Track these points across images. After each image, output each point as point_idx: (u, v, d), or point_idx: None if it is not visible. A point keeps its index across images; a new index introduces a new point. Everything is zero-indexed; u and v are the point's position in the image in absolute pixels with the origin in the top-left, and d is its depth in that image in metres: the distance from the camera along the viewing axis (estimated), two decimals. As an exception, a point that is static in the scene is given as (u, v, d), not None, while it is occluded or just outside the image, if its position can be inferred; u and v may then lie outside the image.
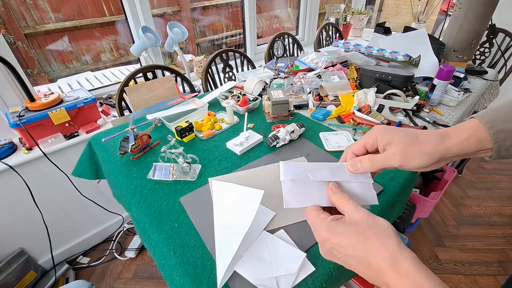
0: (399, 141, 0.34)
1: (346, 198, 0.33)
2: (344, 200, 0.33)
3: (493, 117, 0.33)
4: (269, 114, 1.07)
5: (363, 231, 0.29)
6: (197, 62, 1.84)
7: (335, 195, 0.34)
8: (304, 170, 0.36)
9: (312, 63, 1.41)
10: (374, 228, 0.29)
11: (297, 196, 0.35)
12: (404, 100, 1.13)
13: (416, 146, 0.34)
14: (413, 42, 1.38)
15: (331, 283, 0.56)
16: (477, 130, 0.33)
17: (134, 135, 0.86)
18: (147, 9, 1.54)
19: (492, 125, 0.32)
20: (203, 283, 0.54)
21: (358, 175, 0.37)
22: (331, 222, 0.32)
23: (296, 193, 0.35)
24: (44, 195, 1.28)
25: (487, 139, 0.33)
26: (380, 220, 0.30)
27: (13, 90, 1.21)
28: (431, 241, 1.58)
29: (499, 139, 0.32)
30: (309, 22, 2.58)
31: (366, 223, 0.30)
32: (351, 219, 0.31)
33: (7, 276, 1.23)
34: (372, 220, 0.30)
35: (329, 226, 0.32)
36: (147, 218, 0.69)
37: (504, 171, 2.09)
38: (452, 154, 0.34)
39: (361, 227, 0.30)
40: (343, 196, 0.34)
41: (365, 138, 0.37)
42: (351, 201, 0.33)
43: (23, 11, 1.42)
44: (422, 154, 0.34)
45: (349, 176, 0.37)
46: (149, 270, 1.49)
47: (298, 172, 0.35)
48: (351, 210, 0.32)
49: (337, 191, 0.34)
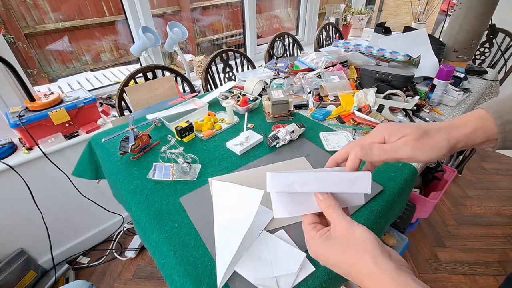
0: (411, 133, 0.34)
1: (331, 206, 0.33)
2: (330, 209, 0.33)
3: (500, 107, 0.33)
4: (269, 114, 1.07)
5: (343, 249, 0.30)
6: (197, 62, 1.84)
7: (322, 203, 0.34)
8: (292, 182, 0.34)
9: (312, 63, 1.41)
10: (352, 244, 0.30)
11: (286, 206, 0.35)
12: (404, 100, 1.13)
13: (426, 139, 0.34)
14: (413, 42, 1.38)
15: (331, 283, 0.56)
16: (484, 121, 0.33)
17: (134, 135, 0.86)
18: (147, 9, 1.54)
19: (499, 116, 0.33)
20: (203, 283, 0.54)
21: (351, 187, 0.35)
22: (318, 240, 0.32)
23: (285, 203, 0.35)
24: (44, 195, 1.28)
25: (494, 130, 0.33)
26: (358, 232, 0.30)
27: (13, 90, 1.21)
28: (431, 241, 1.58)
29: (505, 130, 0.32)
30: (309, 22, 2.58)
31: (345, 239, 0.30)
32: (335, 232, 0.32)
33: (7, 276, 1.23)
34: (351, 233, 0.30)
35: (316, 244, 0.32)
36: (147, 218, 0.69)
37: (504, 171, 2.09)
38: (460, 146, 0.34)
39: (341, 243, 0.30)
40: (329, 203, 0.34)
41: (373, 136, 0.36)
42: (335, 209, 0.33)
43: (23, 11, 1.42)
44: (432, 148, 0.34)
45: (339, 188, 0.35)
46: (149, 270, 1.49)
47: (285, 184, 0.34)
48: (335, 220, 0.32)
49: (324, 198, 0.34)
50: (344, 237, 0.30)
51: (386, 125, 0.37)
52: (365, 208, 0.69)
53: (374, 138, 0.36)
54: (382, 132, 0.36)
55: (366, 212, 0.68)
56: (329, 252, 0.31)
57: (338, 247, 0.31)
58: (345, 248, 0.30)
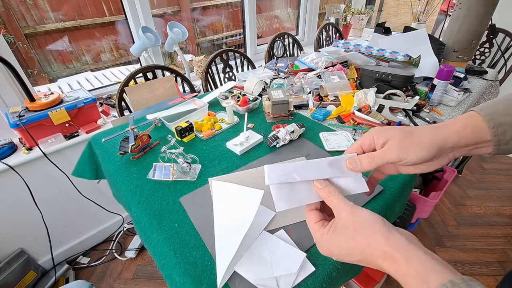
0: (395, 136, 0.34)
1: (332, 192, 0.33)
2: (331, 196, 0.33)
3: (492, 110, 0.32)
4: (269, 114, 1.07)
5: (352, 235, 0.30)
6: (197, 62, 1.84)
7: (322, 191, 0.34)
8: (289, 171, 0.35)
9: (312, 63, 1.41)
10: (359, 228, 0.30)
11: (287, 197, 0.35)
12: (404, 100, 1.13)
13: (411, 138, 0.34)
14: (413, 42, 1.38)
15: (331, 283, 0.56)
16: (475, 120, 0.33)
17: (134, 135, 0.86)
18: (147, 9, 1.54)
19: (492, 118, 0.32)
20: (203, 283, 0.54)
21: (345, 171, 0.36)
22: (327, 235, 0.32)
23: (285, 195, 0.35)
24: (44, 195, 1.28)
25: (486, 130, 0.32)
26: (363, 215, 0.30)
27: (13, 90, 1.21)
28: (431, 241, 1.58)
29: (498, 132, 0.32)
30: (309, 22, 2.58)
31: (352, 224, 0.30)
32: (340, 220, 0.32)
33: (7, 276, 1.23)
34: (357, 217, 0.30)
35: (326, 240, 0.32)
36: (147, 218, 0.69)
37: (504, 171, 2.09)
38: (450, 145, 0.33)
39: (349, 230, 0.30)
40: (329, 191, 0.33)
41: (362, 139, 0.37)
42: (336, 195, 0.33)
43: (23, 11, 1.42)
44: (418, 145, 0.33)
45: (337, 172, 0.36)
46: (149, 270, 1.49)
47: (284, 174, 0.35)
48: (337, 206, 0.32)
49: (323, 186, 0.34)
50: (351, 223, 0.30)
51: (374, 129, 0.37)
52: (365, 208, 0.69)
53: (363, 141, 0.37)
54: (369, 134, 0.37)
55: (366, 212, 0.68)
56: (340, 242, 0.31)
57: (347, 235, 0.31)
58: (354, 234, 0.30)
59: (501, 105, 0.33)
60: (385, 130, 0.36)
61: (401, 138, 0.34)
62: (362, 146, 0.37)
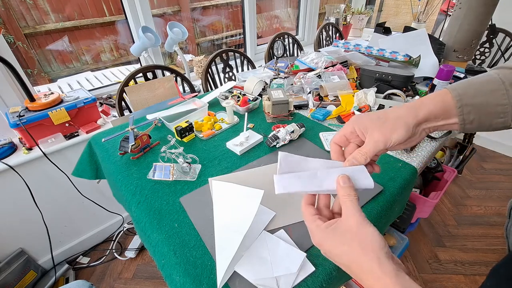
0: (373, 125, 0.37)
1: (350, 196, 0.33)
2: (348, 199, 0.33)
3: (463, 91, 0.36)
4: (269, 114, 1.07)
5: (350, 242, 0.31)
6: (197, 62, 1.84)
7: (342, 189, 0.34)
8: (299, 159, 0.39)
9: (312, 63, 1.41)
10: (360, 240, 0.30)
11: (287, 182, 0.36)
12: (404, 100, 1.13)
13: (389, 123, 0.37)
14: (413, 42, 1.38)
15: (331, 283, 0.56)
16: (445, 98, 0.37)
17: (134, 135, 0.86)
18: (147, 9, 1.54)
19: (460, 99, 0.36)
20: (203, 283, 0.54)
21: None
22: (326, 229, 0.33)
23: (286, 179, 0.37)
24: (44, 195, 1.28)
25: (453, 109, 0.36)
26: (369, 231, 0.31)
27: (13, 90, 1.21)
28: (431, 241, 1.58)
29: (463, 112, 0.36)
30: (309, 22, 2.58)
31: (355, 233, 0.31)
32: (346, 225, 0.32)
33: (7, 276, 1.23)
34: (362, 230, 0.31)
35: (322, 234, 0.33)
36: (147, 218, 0.69)
37: (504, 171, 2.09)
38: (424, 121, 0.37)
39: (349, 236, 0.31)
40: (348, 193, 0.33)
41: (344, 128, 0.40)
42: (354, 201, 0.33)
43: (23, 11, 1.42)
44: (397, 129, 0.36)
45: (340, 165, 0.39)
46: (149, 270, 1.49)
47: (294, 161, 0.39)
48: (349, 212, 0.32)
49: (345, 186, 0.34)
50: (354, 232, 0.31)
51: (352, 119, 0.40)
52: (365, 208, 0.70)
53: (345, 132, 0.40)
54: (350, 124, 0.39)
55: (366, 212, 0.68)
56: (335, 242, 0.32)
57: (345, 239, 0.31)
58: (352, 242, 0.30)
59: (472, 88, 0.36)
60: (362, 118, 0.39)
61: (379, 127, 0.37)
62: (345, 135, 0.40)
